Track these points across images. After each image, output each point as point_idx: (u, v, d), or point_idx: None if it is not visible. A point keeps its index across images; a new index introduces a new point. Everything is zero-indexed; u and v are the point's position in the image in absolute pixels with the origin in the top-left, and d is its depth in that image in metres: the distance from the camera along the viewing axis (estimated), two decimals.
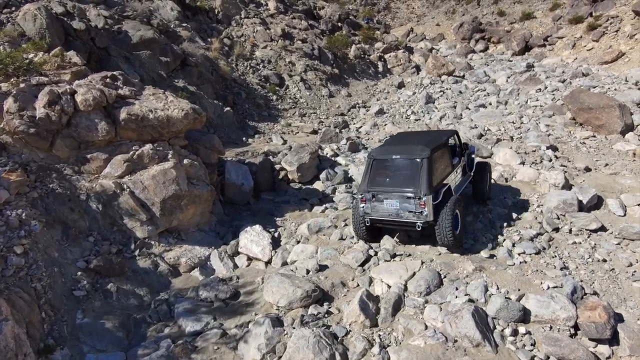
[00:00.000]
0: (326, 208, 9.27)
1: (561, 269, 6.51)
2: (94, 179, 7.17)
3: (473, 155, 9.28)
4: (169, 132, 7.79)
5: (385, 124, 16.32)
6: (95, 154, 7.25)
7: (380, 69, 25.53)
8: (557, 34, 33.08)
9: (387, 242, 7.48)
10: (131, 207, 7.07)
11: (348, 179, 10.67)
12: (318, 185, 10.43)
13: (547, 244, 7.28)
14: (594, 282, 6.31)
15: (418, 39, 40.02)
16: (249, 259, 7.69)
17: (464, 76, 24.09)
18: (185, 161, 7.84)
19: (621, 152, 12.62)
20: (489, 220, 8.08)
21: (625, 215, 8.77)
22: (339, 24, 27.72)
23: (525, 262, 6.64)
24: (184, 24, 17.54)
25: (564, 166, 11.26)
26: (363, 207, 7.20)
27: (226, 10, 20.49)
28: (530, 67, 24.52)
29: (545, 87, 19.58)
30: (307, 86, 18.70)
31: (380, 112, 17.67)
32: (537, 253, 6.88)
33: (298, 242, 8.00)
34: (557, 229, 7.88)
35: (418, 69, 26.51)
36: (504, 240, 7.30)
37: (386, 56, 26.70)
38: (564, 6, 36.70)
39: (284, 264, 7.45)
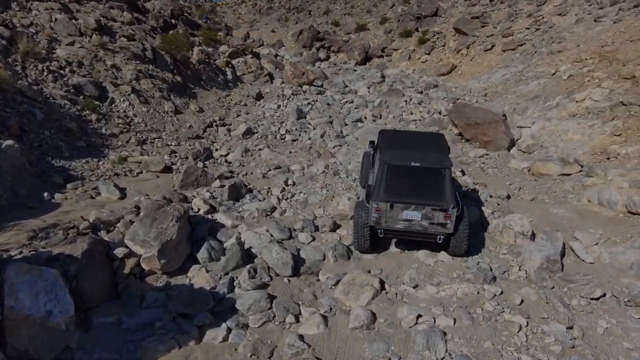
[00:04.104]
0: (230, 331, 5.18)
1: None
2: None
3: None
4: None
5: (260, 149, 12.67)
6: None
7: (230, 76, 21.58)
8: (391, 45, 34.62)
9: None
10: None
11: (248, 256, 6.69)
12: (199, 276, 6.15)
13: (589, 346, 4.94)
14: None
15: (256, 45, 37.39)
16: None
17: (322, 85, 22.15)
18: None
19: (518, 170, 11.96)
20: (488, 316, 5.35)
21: (594, 262, 7.29)
22: (173, 21, 22.66)
23: None
24: None
25: (491, 196, 9.69)
26: (376, 217, 6.66)
27: None
28: (383, 77, 24.16)
29: (411, 99, 18.90)
30: (143, 99, 13.60)
31: (249, 132, 13.89)
32: None
33: None
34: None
35: (271, 77, 23.54)
36: None
37: (234, 62, 22.89)
38: (391, 20, 39.07)
39: None
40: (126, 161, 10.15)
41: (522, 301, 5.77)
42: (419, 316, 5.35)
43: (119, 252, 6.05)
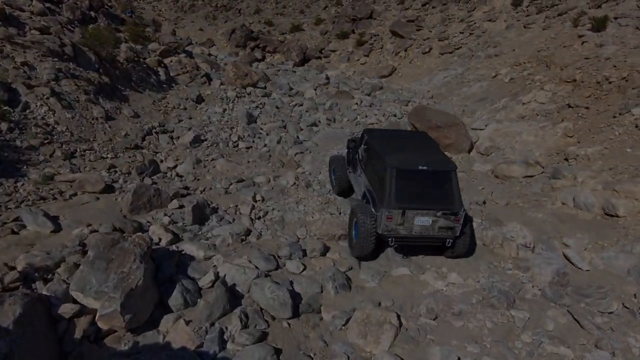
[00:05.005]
0: None
1: None
2: None
3: None
4: None
5: (214, 159, 11.31)
6: None
7: (163, 77, 19.51)
8: (329, 47, 34.23)
9: None
10: None
11: (234, 296, 5.47)
12: (177, 331, 4.82)
13: None
14: None
15: (185, 44, 34.99)
16: None
17: (265, 87, 20.96)
18: None
19: (483, 173, 11.91)
20: (530, 349, 4.77)
21: (590, 270, 7.14)
22: (92, 14, 20.04)
23: None
24: None
25: (471, 203, 9.37)
26: (387, 225, 6.32)
27: None
28: (328, 79, 23.55)
29: (361, 101, 18.46)
30: (66, 103, 11.48)
31: (197, 140, 12.36)
32: None
33: None
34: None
35: (209, 77, 21.82)
36: None
37: (167, 61, 20.84)
38: (326, 22, 38.75)
39: None
40: (53, 180, 8.27)
41: (551, 328, 5.33)
42: (458, 359, 4.63)
43: (65, 309, 4.54)
